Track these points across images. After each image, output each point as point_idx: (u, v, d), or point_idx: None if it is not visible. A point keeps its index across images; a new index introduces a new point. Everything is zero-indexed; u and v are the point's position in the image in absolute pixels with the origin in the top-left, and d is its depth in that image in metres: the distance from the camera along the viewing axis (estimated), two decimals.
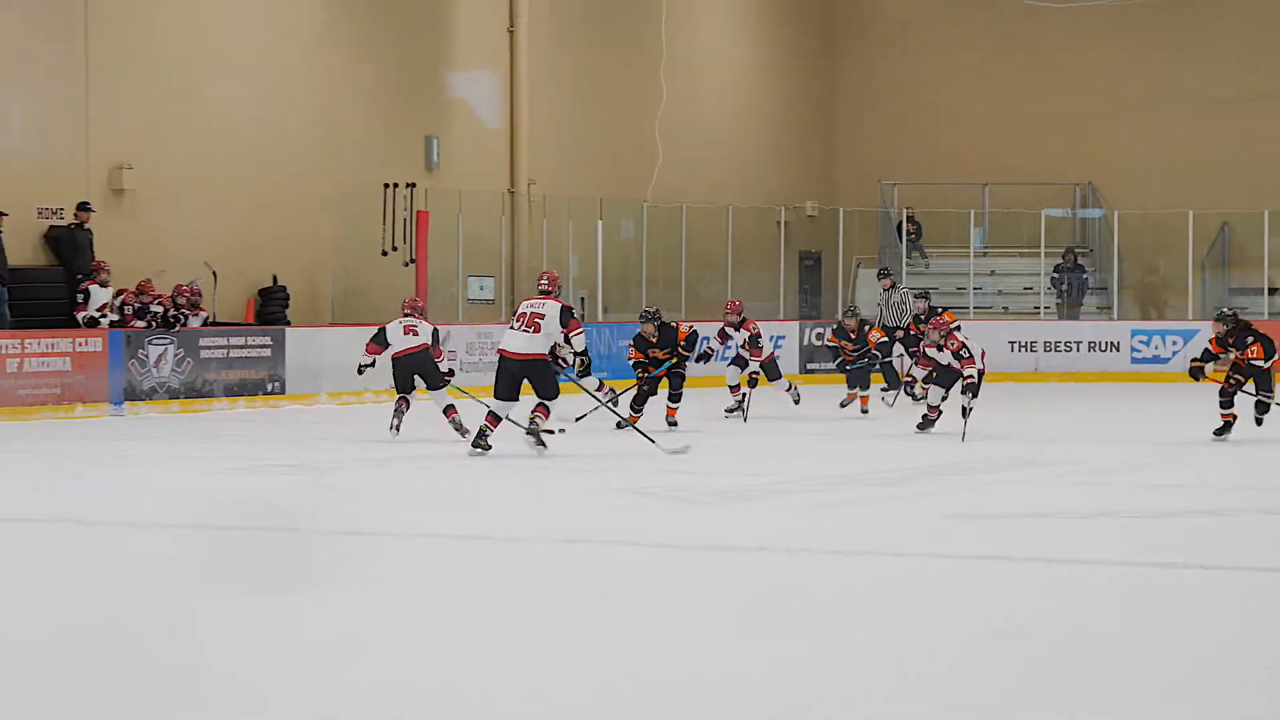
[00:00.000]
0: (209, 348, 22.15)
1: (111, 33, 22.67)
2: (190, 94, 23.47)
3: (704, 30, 31.65)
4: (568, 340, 13.70)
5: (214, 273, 23.45)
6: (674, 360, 17.38)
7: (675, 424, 17.50)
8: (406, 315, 15.72)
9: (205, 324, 22.91)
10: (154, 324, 21.62)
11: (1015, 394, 24.72)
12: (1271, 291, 28.38)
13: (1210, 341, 16.20)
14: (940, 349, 15.88)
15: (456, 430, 14.74)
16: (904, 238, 30.98)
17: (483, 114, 27.75)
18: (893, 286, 23.85)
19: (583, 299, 27.84)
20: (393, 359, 16.04)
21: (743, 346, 17.90)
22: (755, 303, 25.98)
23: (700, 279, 29.29)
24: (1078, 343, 28.31)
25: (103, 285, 20.93)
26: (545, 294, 13.78)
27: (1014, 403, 23.21)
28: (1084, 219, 32.30)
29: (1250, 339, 15.74)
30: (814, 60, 34.22)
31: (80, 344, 20.29)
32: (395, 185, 24.79)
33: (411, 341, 15.21)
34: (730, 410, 18.50)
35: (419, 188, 25.18)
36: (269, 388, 21.78)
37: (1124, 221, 29.65)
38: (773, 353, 18.64)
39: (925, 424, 16.18)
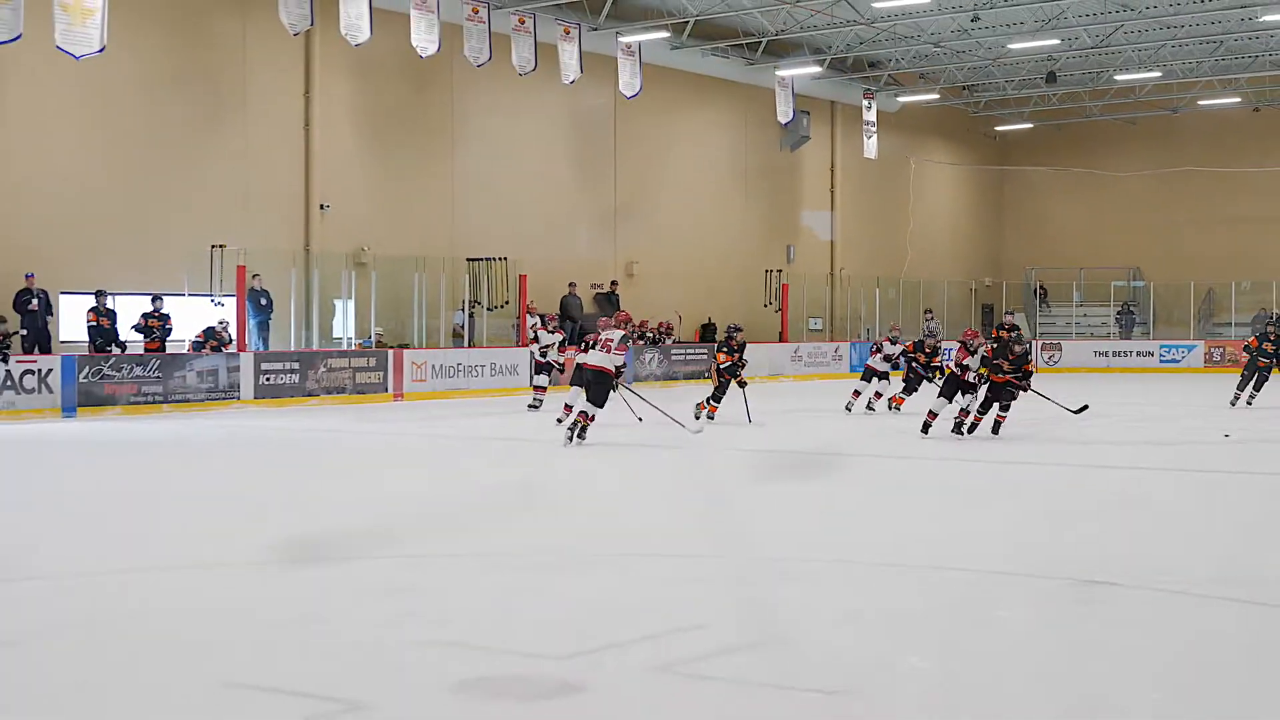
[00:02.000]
0: (676, 354, 32.66)
1: (630, 186, 34.54)
2: (666, 226, 35.08)
3: (938, 187, 46.20)
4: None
5: (679, 316, 34.07)
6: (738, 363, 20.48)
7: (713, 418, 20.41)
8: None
9: (673, 342, 32.92)
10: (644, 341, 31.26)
11: (1098, 380, 34.37)
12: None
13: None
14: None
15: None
16: (1036, 295, 46.45)
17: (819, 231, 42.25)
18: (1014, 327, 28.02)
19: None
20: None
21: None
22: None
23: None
24: (1132, 350, 40.88)
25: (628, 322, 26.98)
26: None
27: (1101, 385, 31.04)
28: (1134, 286, 45.64)
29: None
30: (990, 190, 48.81)
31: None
32: (769, 271, 38.16)
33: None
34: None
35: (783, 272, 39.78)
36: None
37: (1156, 289, 44.22)
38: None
39: (958, 427, 17.78)
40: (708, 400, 20.44)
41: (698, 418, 19.72)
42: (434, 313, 28.92)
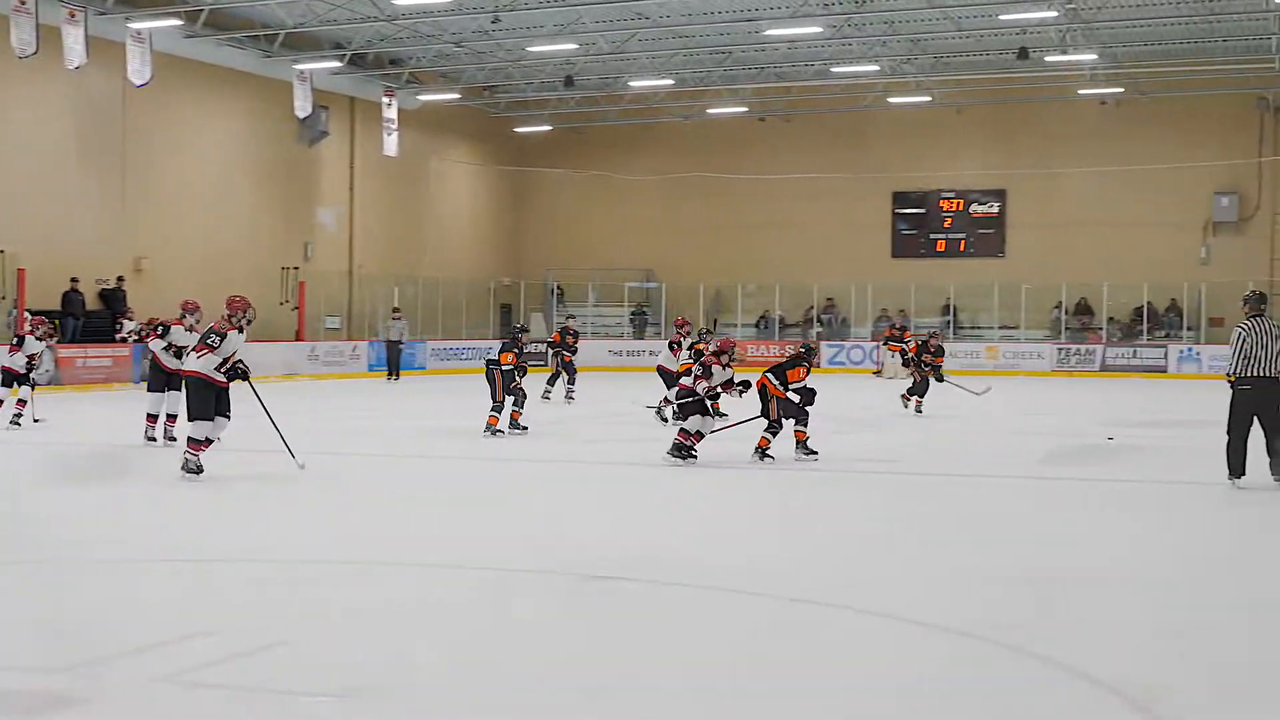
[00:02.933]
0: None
1: (140, 178, 33.38)
2: (179, 220, 34.25)
3: (459, 187, 46.43)
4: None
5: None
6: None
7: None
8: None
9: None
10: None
11: (612, 378, 36.40)
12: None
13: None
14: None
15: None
16: (554, 296, 47.22)
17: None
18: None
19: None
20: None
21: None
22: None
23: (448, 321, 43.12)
24: (644, 350, 41.55)
25: (129, 320, 30.39)
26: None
27: (616, 382, 34.80)
28: (648, 288, 47.21)
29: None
30: (511, 191, 48.89)
31: (117, 351, 29.70)
32: (286, 268, 37.79)
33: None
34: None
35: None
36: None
37: (668, 290, 45.96)
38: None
39: None
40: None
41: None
42: None
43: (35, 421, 18.96)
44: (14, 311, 28.36)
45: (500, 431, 18.70)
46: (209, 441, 13.17)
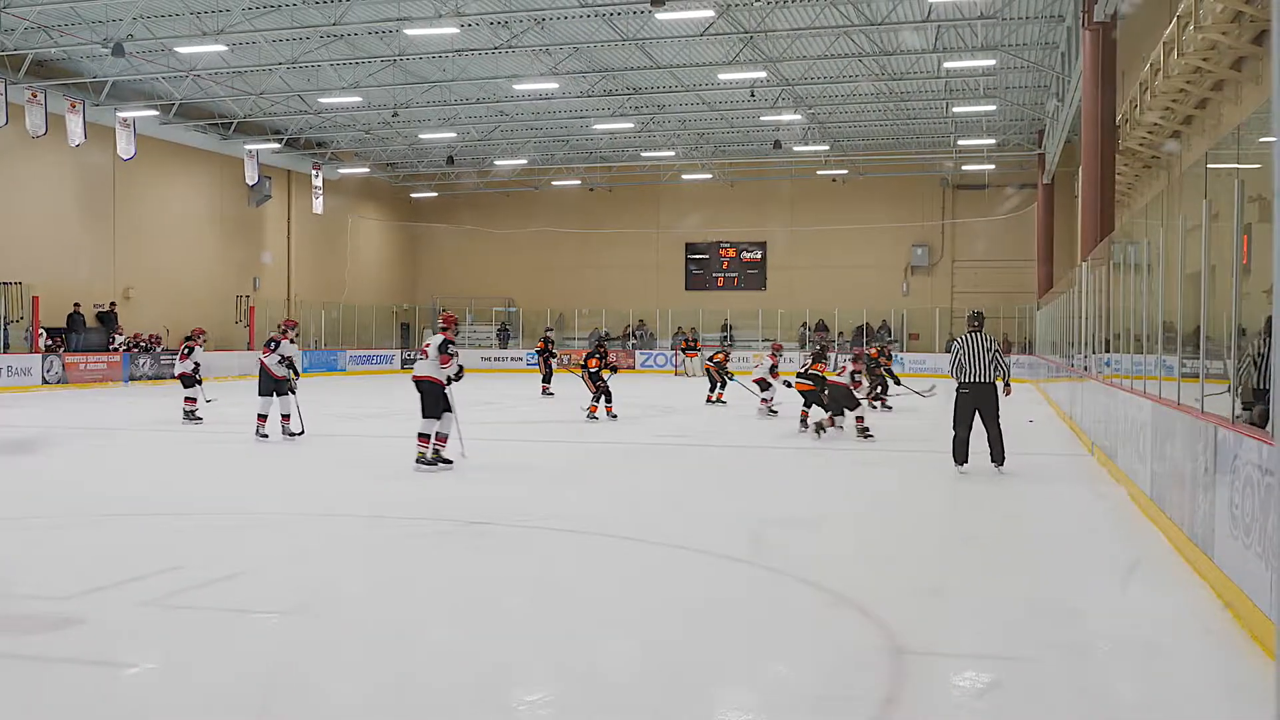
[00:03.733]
0: (165, 359, 37.57)
1: (127, 228, 32.85)
2: (157, 259, 33.60)
3: (370, 237, 45.45)
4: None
5: (167, 330, 38.68)
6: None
7: None
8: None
9: (161, 350, 37.01)
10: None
11: (484, 379, 40.15)
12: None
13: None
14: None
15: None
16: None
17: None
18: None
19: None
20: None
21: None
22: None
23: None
24: (507, 357, 42.80)
25: (119, 334, 30.42)
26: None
27: (486, 383, 39.14)
28: (510, 311, 46.23)
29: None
30: (408, 239, 47.92)
31: (110, 358, 29.36)
32: (240, 296, 37.88)
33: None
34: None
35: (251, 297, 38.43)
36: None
37: (524, 313, 45.71)
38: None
39: None
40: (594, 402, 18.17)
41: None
42: None
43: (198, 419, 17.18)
44: (30, 329, 27.85)
45: (596, 418, 17.89)
46: (441, 436, 11.66)
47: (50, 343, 26.83)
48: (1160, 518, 8.38)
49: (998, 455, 11.68)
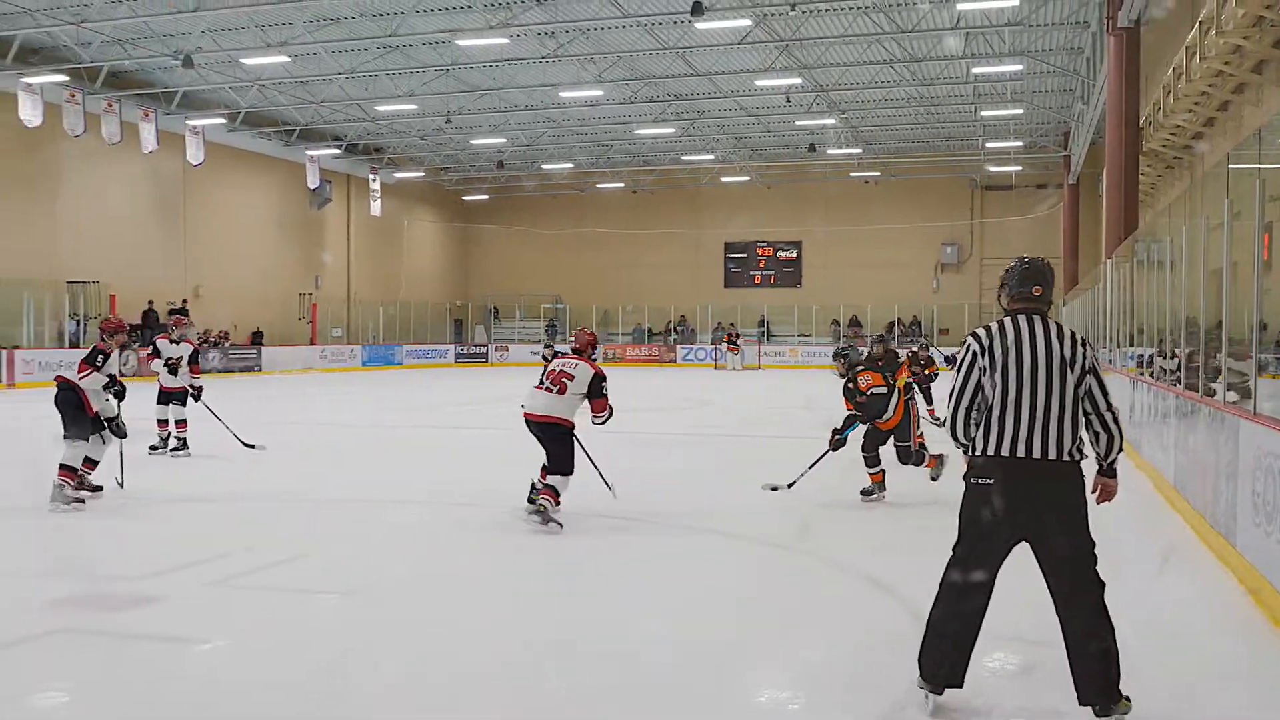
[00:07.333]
0: (233, 354, 37.90)
1: (197, 229, 33.14)
2: (225, 259, 33.98)
3: (424, 238, 45.60)
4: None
5: (234, 325, 37.81)
6: None
7: None
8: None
9: (229, 345, 35.71)
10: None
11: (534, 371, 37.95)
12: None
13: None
14: None
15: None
16: (491, 313, 46.94)
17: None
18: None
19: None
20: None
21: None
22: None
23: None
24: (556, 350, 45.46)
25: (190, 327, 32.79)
26: (578, 354, 7.93)
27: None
28: (557, 307, 46.49)
29: None
30: (460, 240, 47.94)
31: None
32: (302, 294, 38.26)
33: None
34: None
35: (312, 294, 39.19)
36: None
37: (571, 309, 45.42)
38: None
39: None
40: None
41: None
42: (40, 321, 27.09)
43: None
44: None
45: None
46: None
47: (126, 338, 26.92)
48: (1185, 508, 8.22)
49: None
